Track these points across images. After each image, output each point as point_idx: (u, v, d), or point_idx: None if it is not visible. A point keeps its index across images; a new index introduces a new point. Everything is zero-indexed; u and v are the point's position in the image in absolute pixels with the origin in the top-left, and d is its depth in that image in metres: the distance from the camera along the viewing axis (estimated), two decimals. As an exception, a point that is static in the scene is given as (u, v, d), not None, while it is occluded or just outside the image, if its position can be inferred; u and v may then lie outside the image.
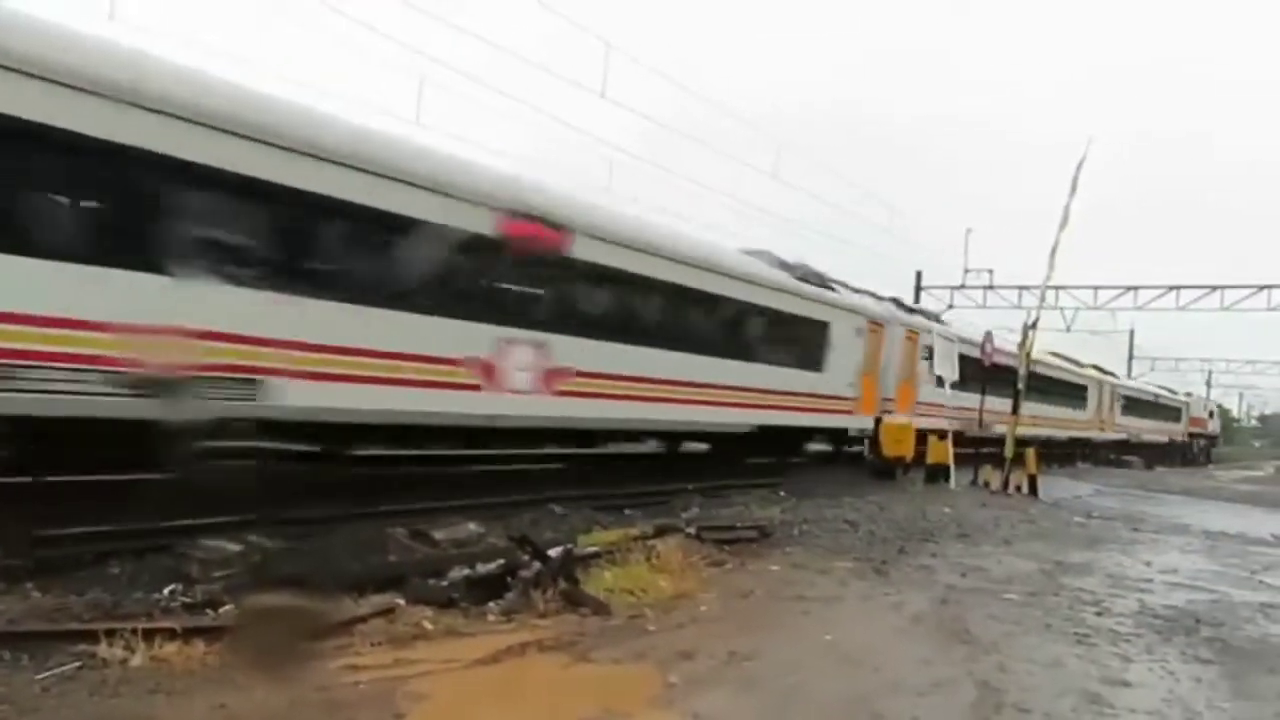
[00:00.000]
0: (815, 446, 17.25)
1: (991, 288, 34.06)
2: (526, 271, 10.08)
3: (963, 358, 19.24)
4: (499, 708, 4.36)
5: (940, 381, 18.61)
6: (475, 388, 9.28)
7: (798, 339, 15.22)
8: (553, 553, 6.51)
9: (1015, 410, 18.10)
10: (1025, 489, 16.91)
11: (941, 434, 17.55)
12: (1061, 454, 28.95)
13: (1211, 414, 59.33)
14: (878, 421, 17.11)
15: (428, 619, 5.48)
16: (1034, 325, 18.69)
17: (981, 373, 19.61)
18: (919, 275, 34.49)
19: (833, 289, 16.83)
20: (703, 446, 14.81)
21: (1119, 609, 7.26)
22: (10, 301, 6.06)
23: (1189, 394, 53.38)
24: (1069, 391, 30.98)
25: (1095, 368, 36.02)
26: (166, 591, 5.61)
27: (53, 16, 6.55)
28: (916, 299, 32.97)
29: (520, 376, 9.80)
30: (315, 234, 8.13)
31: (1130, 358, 53.52)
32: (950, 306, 34.06)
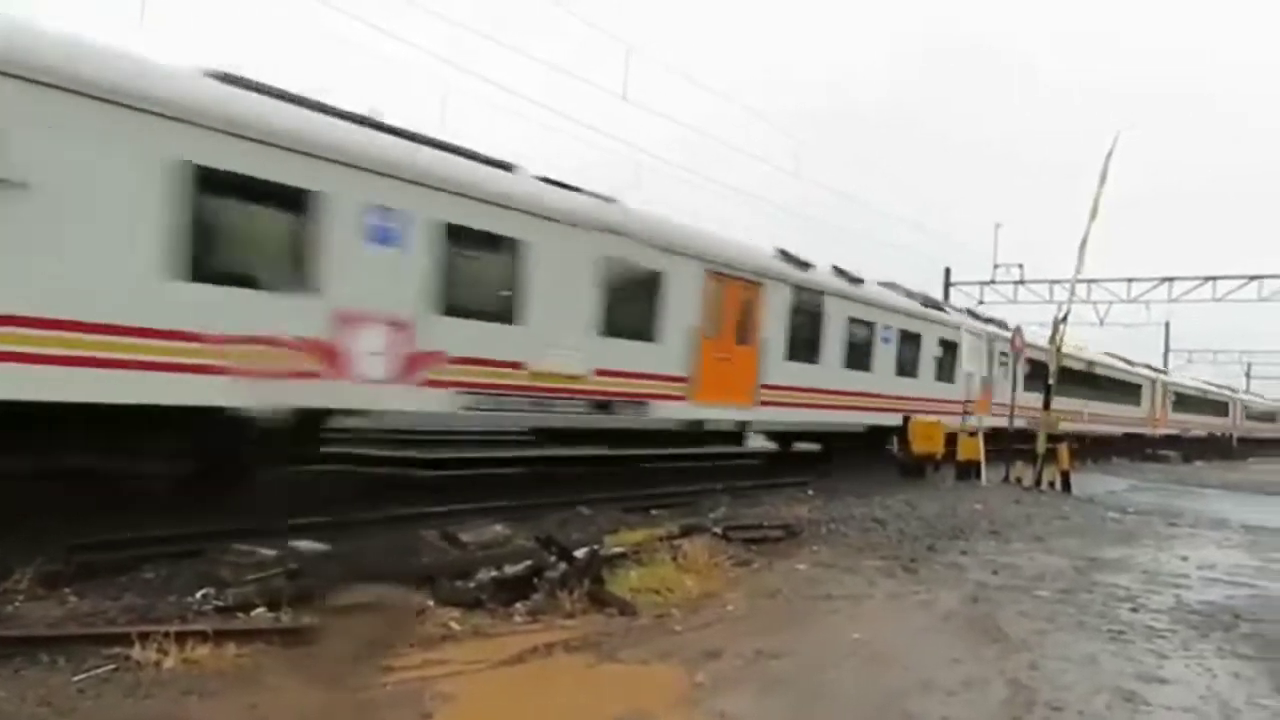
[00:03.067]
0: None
1: (1022, 282, 33.71)
2: (739, 310, 12.98)
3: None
4: (525, 708, 4.37)
5: (969, 377, 18.54)
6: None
7: (939, 355, 18.77)
8: (579, 553, 6.53)
9: (1046, 405, 17.87)
10: (1058, 485, 16.67)
11: (972, 431, 17.37)
12: (1097, 449, 28.55)
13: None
14: (906, 419, 16.97)
15: (455, 620, 5.52)
16: (1064, 319, 18.44)
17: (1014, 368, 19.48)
18: (948, 271, 34.18)
19: (942, 309, 20.28)
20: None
21: (1155, 605, 7.14)
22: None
23: (1234, 389, 54.78)
24: (1126, 390, 33.18)
25: (1148, 366, 37.96)
26: (199, 595, 5.68)
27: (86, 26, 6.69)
28: (945, 295, 32.66)
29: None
30: (645, 296, 11.44)
31: (1166, 351, 52.60)
32: (980, 302, 33.71)
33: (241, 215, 7.45)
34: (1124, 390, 32.95)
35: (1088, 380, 28.28)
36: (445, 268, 8.73)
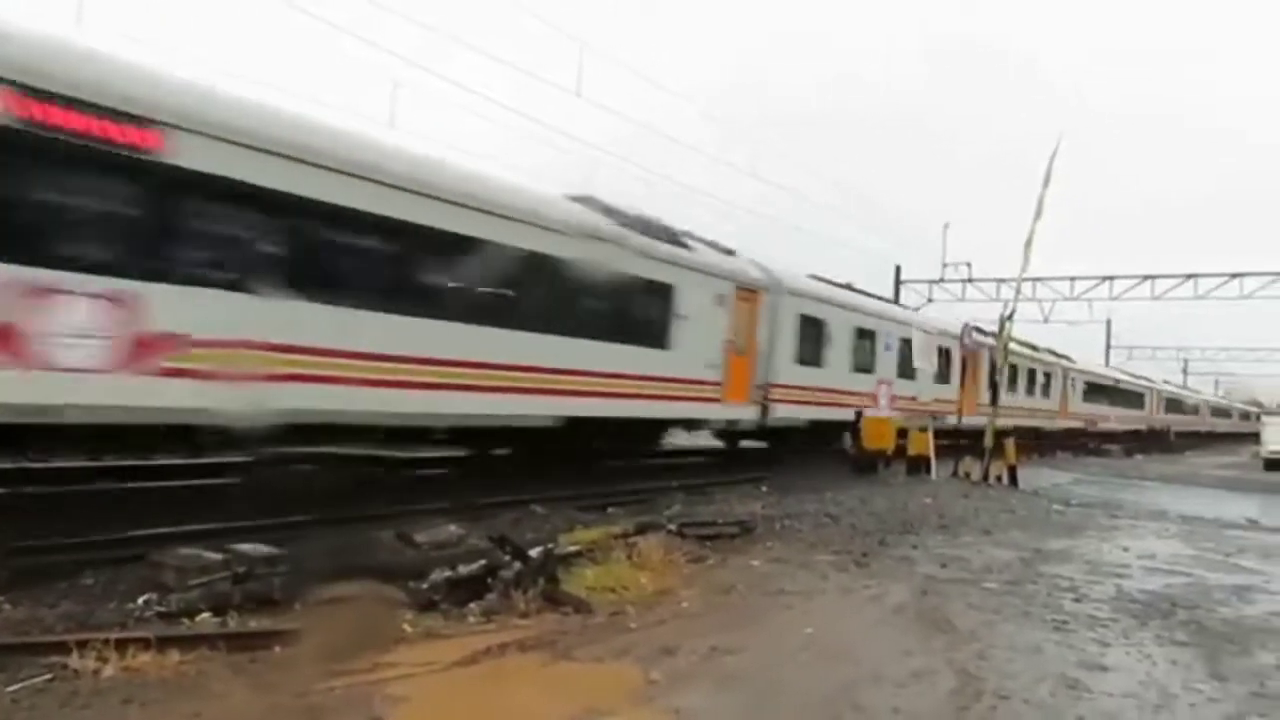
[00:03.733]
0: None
1: (970, 281, 34.32)
2: (974, 366, 23.68)
3: (943, 350, 21.53)
4: (478, 709, 4.34)
5: (919, 373, 19.01)
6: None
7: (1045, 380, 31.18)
8: (533, 552, 6.49)
9: (994, 402, 18.23)
10: (1005, 479, 17.02)
11: (922, 427, 17.67)
12: (1043, 445, 29.39)
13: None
14: (858, 416, 17.22)
15: (407, 621, 5.45)
16: (1010, 317, 18.84)
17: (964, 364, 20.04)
18: (898, 270, 34.68)
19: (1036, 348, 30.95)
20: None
21: (1096, 595, 7.32)
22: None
23: (1201, 391, 70.72)
24: (1134, 397, 45.47)
25: (1146, 378, 49.96)
26: (141, 601, 5.53)
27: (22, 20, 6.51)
28: (896, 294, 33.16)
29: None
30: (947, 362, 22.58)
31: (1108, 348, 54.14)
32: (930, 300, 34.29)
33: (864, 343, 18.37)
34: (1134, 398, 44.96)
35: (1112, 392, 40.85)
36: (899, 358, 19.80)
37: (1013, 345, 24.90)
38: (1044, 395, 30.48)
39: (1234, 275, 31.36)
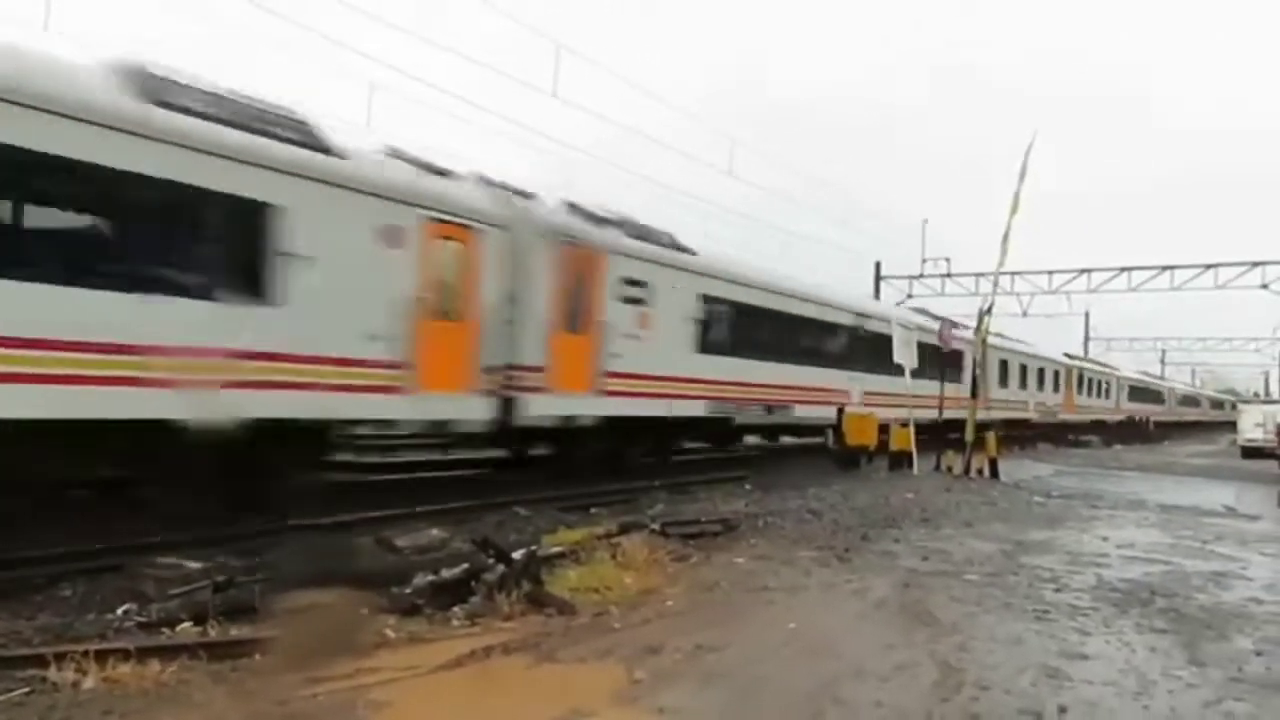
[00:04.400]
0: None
1: (949, 276, 34.54)
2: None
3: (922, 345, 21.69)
4: (462, 712, 4.33)
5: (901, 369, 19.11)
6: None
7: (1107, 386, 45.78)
8: (516, 555, 6.47)
9: (973, 395, 18.36)
10: (986, 472, 17.14)
11: (903, 421, 17.78)
12: (1024, 437, 29.75)
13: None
14: (840, 412, 17.31)
15: (390, 626, 5.42)
16: (989, 311, 18.98)
17: (941, 359, 20.12)
18: (878, 266, 34.86)
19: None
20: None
21: (1077, 584, 7.39)
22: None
23: (1196, 386, 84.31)
24: (1157, 395, 58.66)
25: (1163, 379, 65.23)
26: (120, 612, 5.49)
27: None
28: (876, 290, 33.35)
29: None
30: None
31: (1086, 340, 54.64)
32: (910, 295, 34.48)
33: (1023, 372, 31.74)
34: (1157, 395, 58.56)
35: (1144, 392, 54.21)
36: (1039, 378, 33.22)
37: (1087, 364, 40.20)
38: (1106, 398, 45.07)
39: (1208, 266, 31.75)
